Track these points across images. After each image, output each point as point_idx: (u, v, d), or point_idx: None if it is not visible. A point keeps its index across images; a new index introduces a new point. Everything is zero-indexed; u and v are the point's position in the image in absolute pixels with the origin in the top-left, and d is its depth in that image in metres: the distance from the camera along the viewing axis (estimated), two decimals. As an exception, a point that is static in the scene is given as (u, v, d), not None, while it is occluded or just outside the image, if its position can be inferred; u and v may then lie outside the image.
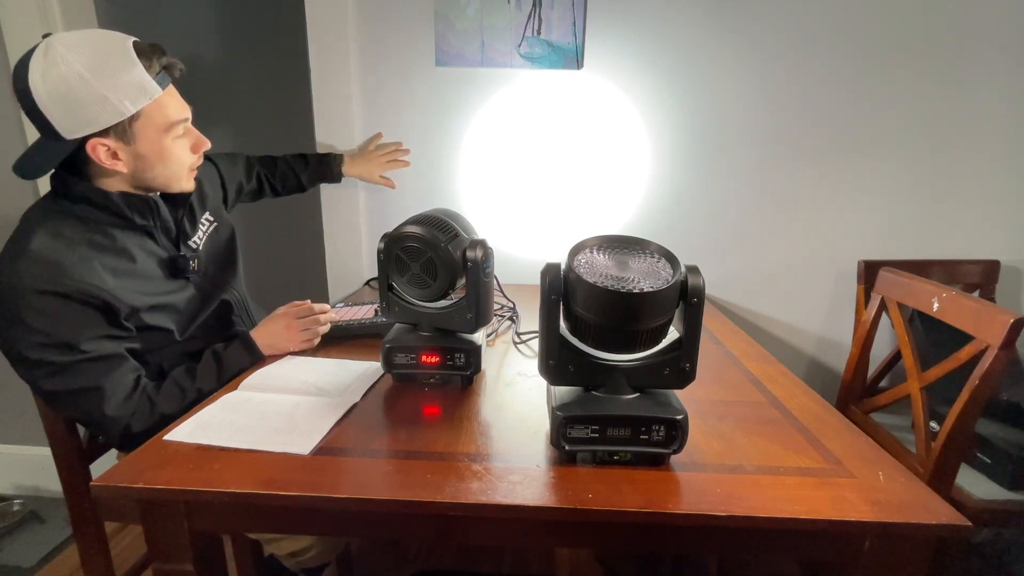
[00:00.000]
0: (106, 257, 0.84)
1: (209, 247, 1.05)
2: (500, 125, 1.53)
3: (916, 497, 0.60)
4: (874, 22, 1.41)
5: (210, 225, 1.07)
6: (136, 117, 0.81)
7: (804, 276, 1.59)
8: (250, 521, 0.67)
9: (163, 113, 0.84)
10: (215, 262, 1.06)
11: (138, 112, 0.80)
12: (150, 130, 0.83)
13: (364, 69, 1.51)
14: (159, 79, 0.82)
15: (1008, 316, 0.93)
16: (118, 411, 0.83)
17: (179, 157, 0.89)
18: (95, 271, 0.81)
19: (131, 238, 0.89)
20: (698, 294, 0.62)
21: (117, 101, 0.78)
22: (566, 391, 0.68)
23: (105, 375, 0.82)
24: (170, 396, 0.88)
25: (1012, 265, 1.55)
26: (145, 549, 0.73)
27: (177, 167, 0.90)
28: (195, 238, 1.03)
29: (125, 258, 0.86)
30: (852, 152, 1.50)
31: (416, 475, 0.63)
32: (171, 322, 0.93)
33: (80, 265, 0.79)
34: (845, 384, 1.36)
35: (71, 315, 0.79)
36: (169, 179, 0.90)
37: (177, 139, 0.88)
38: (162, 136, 0.85)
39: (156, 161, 0.86)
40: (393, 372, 0.87)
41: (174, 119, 0.86)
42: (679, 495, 0.60)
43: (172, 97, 0.86)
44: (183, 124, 0.88)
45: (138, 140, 0.83)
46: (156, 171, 0.87)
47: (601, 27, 1.45)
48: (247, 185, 1.33)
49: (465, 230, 0.86)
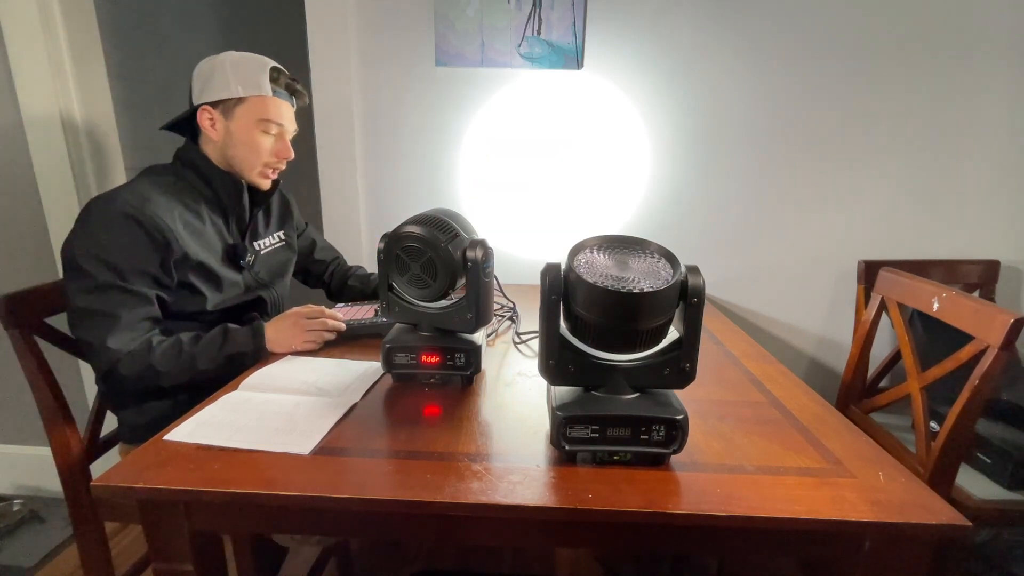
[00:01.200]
0: (184, 211, 0.99)
1: (270, 257, 1.18)
2: (500, 125, 1.53)
3: (916, 497, 0.60)
4: (874, 22, 1.41)
5: (280, 242, 1.22)
6: (241, 102, 1.00)
7: (804, 276, 1.59)
8: (250, 521, 0.66)
9: (263, 109, 1.01)
10: (269, 269, 1.17)
11: (244, 98, 1.00)
12: (247, 116, 1.01)
13: (364, 69, 1.51)
14: (276, 90, 1.03)
15: (1008, 316, 0.93)
16: (119, 344, 0.90)
17: (260, 148, 1.03)
18: (171, 214, 0.95)
19: (209, 211, 1.04)
20: (698, 294, 0.61)
21: (233, 83, 0.99)
22: (566, 391, 0.68)
23: (127, 308, 0.91)
24: (167, 352, 0.93)
25: (1012, 265, 1.55)
26: (145, 549, 0.73)
27: (255, 157, 1.04)
28: (262, 242, 1.17)
29: (197, 219, 1.01)
30: (852, 152, 1.50)
31: (416, 475, 0.63)
32: (209, 290, 1.01)
33: (162, 205, 0.95)
34: (845, 384, 1.36)
35: (135, 241, 0.90)
36: (243, 164, 1.04)
37: (266, 136, 1.03)
38: (254, 126, 1.01)
39: (240, 143, 1.02)
40: (393, 372, 0.87)
41: (269, 117, 1.02)
42: (679, 495, 0.60)
43: (278, 105, 1.03)
44: (276, 126, 1.04)
45: (235, 119, 1.01)
46: (237, 151, 1.03)
47: (601, 27, 1.45)
48: (303, 260, 1.34)
49: (465, 230, 0.86)
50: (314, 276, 1.39)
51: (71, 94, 1.47)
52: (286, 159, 1.07)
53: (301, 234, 1.34)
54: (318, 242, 1.38)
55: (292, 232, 1.27)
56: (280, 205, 1.25)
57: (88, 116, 1.52)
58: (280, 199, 1.25)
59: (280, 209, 1.24)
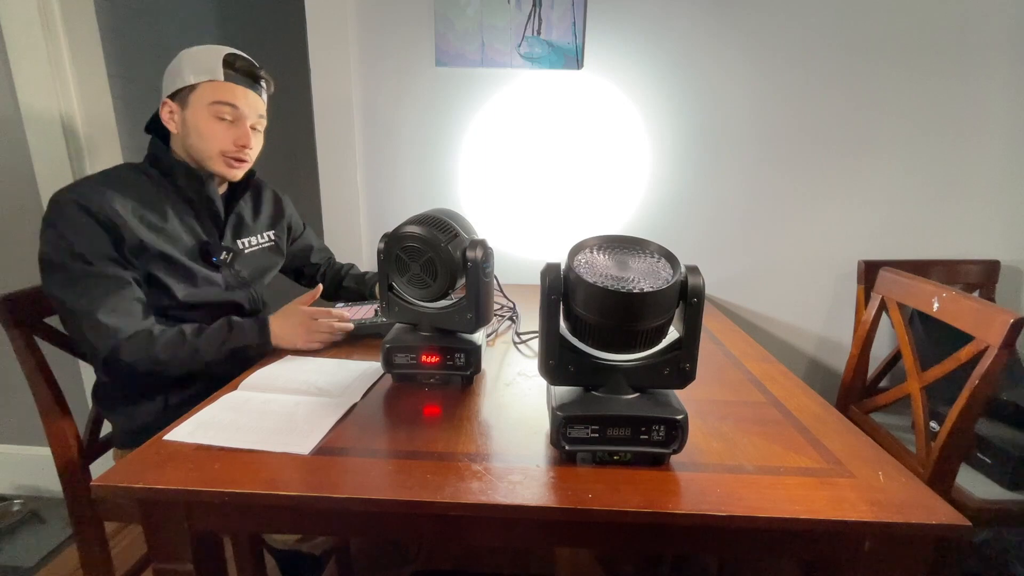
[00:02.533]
0: (139, 206, 0.96)
1: (255, 256, 1.15)
2: (500, 125, 1.53)
3: (916, 497, 0.60)
4: (874, 22, 1.41)
5: (268, 243, 1.19)
6: (193, 89, 0.97)
7: (804, 276, 1.59)
8: (250, 521, 0.67)
9: (213, 92, 0.98)
10: (252, 268, 1.14)
11: (196, 85, 0.97)
12: (199, 102, 0.98)
13: (364, 69, 1.51)
14: (230, 74, 0.98)
15: (1008, 316, 0.93)
16: (113, 320, 0.89)
17: (213, 136, 0.99)
18: (125, 206, 0.94)
19: (177, 207, 1.02)
20: (698, 294, 0.62)
21: (187, 72, 0.97)
22: (566, 391, 0.68)
23: (109, 291, 0.90)
24: (171, 341, 0.92)
25: (1012, 265, 1.55)
26: (145, 549, 0.73)
27: (210, 144, 1.00)
28: (248, 240, 1.14)
29: (158, 215, 0.98)
30: (852, 152, 1.50)
31: (416, 475, 0.63)
32: (175, 282, 0.98)
33: (114, 198, 0.93)
34: (845, 384, 1.36)
35: (89, 230, 0.89)
36: (201, 153, 1.01)
37: (219, 121, 0.99)
38: (206, 111, 0.98)
39: (193, 131, 0.99)
40: (393, 372, 0.87)
41: (220, 99, 0.98)
42: (679, 495, 0.60)
43: (231, 88, 0.99)
44: (230, 109, 0.99)
45: (189, 108, 0.98)
46: (192, 139, 1.00)
47: (601, 27, 1.45)
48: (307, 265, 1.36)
49: (465, 230, 0.86)
50: (307, 276, 1.38)
51: (71, 94, 1.47)
52: (244, 147, 1.02)
53: (300, 236, 1.33)
54: (315, 245, 1.37)
55: (283, 234, 1.24)
56: (271, 204, 1.23)
57: (88, 116, 1.52)
58: (272, 199, 1.24)
59: (271, 208, 1.22)
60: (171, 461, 0.65)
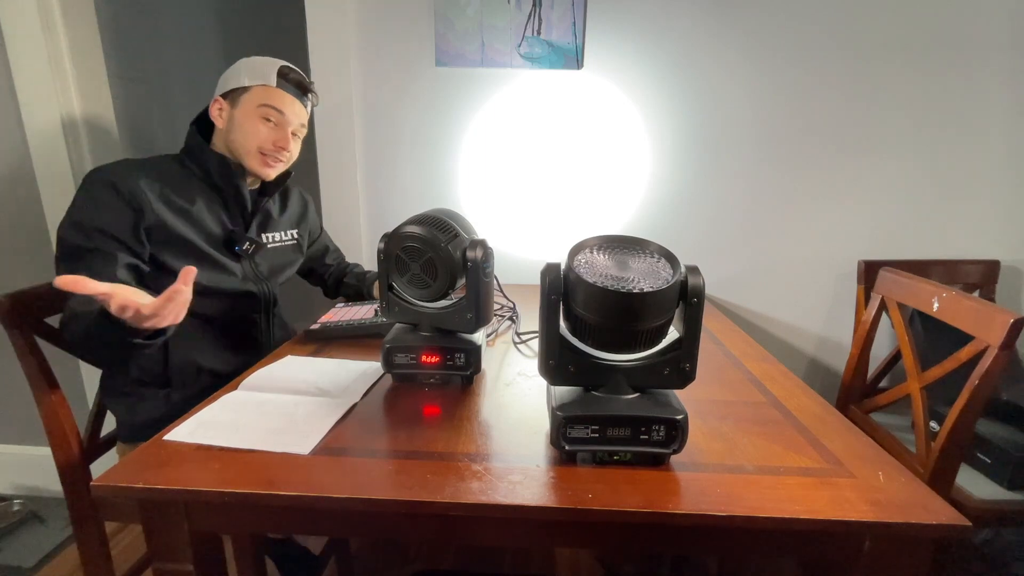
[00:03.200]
0: (169, 189, 1.00)
1: (277, 251, 1.18)
2: (500, 125, 1.53)
3: (916, 497, 0.60)
4: (874, 22, 1.41)
5: (291, 241, 1.23)
6: (246, 90, 1.04)
7: (804, 276, 1.59)
8: (250, 521, 0.66)
9: (265, 96, 1.04)
10: (270, 263, 1.16)
11: (250, 87, 1.04)
12: (249, 103, 1.04)
13: (364, 69, 1.51)
14: (283, 84, 1.06)
15: (1008, 316, 0.93)
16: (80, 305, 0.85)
17: (255, 134, 1.05)
18: (151, 186, 0.97)
19: (206, 195, 1.05)
20: (698, 294, 0.61)
21: (244, 76, 1.04)
22: (566, 391, 0.68)
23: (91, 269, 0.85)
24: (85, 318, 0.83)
25: (1012, 265, 1.55)
26: (145, 549, 0.73)
27: (250, 141, 1.05)
28: (274, 235, 1.18)
29: (185, 200, 1.02)
30: (852, 152, 1.50)
31: (416, 475, 0.63)
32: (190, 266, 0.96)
33: (146, 180, 0.97)
34: (845, 384, 1.36)
35: (108, 203, 0.92)
36: (240, 148, 1.05)
37: (264, 122, 1.05)
38: (254, 111, 1.04)
39: (239, 127, 1.05)
40: (393, 372, 0.87)
41: (269, 103, 1.04)
42: (679, 495, 0.60)
43: (281, 95, 1.05)
44: (276, 113, 1.05)
45: (239, 107, 1.04)
46: (235, 135, 1.05)
47: (601, 27, 1.45)
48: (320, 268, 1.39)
49: (465, 230, 0.86)
50: (316, 275, 1.40)
51: (71, 94, 1.47)
52: (283, 149, 1.08)
53: (316, 239, 1.36)
54: (330, 247, 1.41)
55: (305, 234, 1.28)
56: (299, 205, 1.27)
57: (88, 116, 1.52)
58: (299, 200, 1.28)
59: (299, 208, 1.26)
60: (171, 461, 0.65)
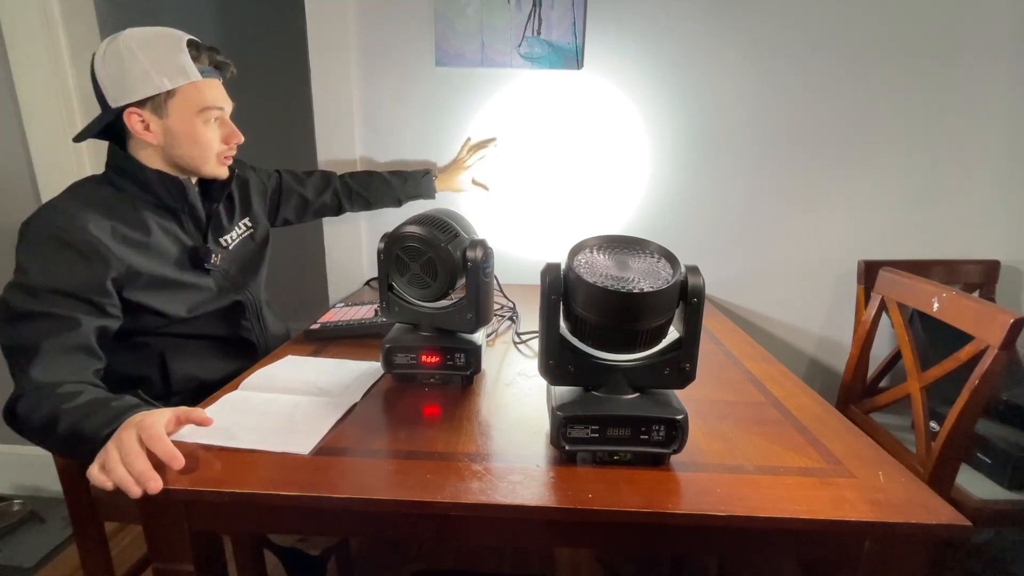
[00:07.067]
0: (121, 224, 0.88)
1: (240, 250, 1.10)
2: (500, 125, 1.53)
3: (916, 497, 0.60)
4: (874, 23, 1.41)
5: (247, 230, 1.13)
6: (172, 95, 0.89)
7: (804, 276, 1.59)
8: (250, 521, 0.67)
9: (199, 97, 0.91)
10: (240, 264, 1.10)
11: (174, 90, 0.88)
12: (183, 109, 0.90)
13: (364, 69, 1.51)
14: (203, 69, 0.91)
15: (1008, 316, 0.93)
16: (43, 375, 0.75)
17: (208, 141, 0.95)
18: (103, 228, 0.85)
19: (157, 217, 0.94)
20: (698, 294, 0.61)
21: (156, 76, 0.87)
22: (566, 391, 0.68)
23: (48, 336, 0.77)
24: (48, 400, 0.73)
25: (1012, 265, 1.55)
26: (145, 549, 0.73)
27: (204, 150, 0.95)
28: (228, 236, 1.08)
29: (140, 231, 0.91)
30: (852, 152, 1.50)
31: (416, 475, 0.63)
32: (167, 304, 0.93)
33: (93, 221, 0.84)
34: (845, 384, 1.36)
35: (65, 263, 0.80)
36: (196, 160, 0.95)
37: (208, 124, 0.94)
38: (194, 118, 0.91)
39: (184, 140, 0.92)
40: (393, 372, 0.87)
41: (208, 104, 0.92)
42: (679, 495, 0.60)
43: (212, 87, 0.93)
44: (217, 112, 0.94)
45: (171, 116, 0.90)
46: (184, 150, 0.93)
47: (601, 27, 1.45)
48: (316, 200, 1.34)
49: (465, 230, 0.86)
50: (330, 208, 1.36)
51: (71, 94, 1.47)
52: (237, 143, 0.99)
53: (280, 193, 1.27)
54: (304, 181, 1.32)
55: (261, 213, 1.18)
56: (239, 189, 1.14)
57: (88, 116, 1.51)
58: (237, 183, 1.14)
59: (240, 193, 1.14)
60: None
